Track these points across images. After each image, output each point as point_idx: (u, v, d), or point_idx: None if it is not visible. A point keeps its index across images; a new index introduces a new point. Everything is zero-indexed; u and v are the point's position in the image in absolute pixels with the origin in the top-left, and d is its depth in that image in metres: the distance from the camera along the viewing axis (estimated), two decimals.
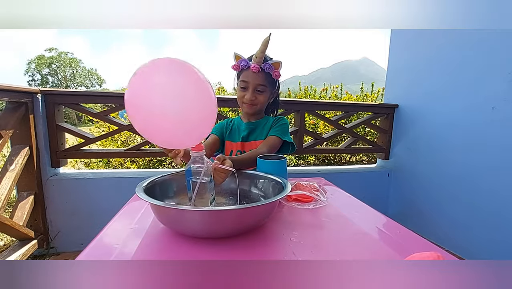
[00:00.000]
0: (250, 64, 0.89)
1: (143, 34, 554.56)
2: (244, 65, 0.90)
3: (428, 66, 1.74)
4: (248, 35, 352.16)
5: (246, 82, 0.91)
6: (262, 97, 0.94)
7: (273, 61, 0.89)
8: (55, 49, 40.46)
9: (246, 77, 0.91)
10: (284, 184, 0.61)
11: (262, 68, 0.89)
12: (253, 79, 0.90)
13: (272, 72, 0.90)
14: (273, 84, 0.95)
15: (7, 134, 1.16)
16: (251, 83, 0.91)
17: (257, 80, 0.90)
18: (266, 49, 0.86)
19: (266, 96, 0.95)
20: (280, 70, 0.91)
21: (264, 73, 0.90)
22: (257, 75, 0.89)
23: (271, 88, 0.95)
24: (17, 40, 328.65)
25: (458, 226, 1.52)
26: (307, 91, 3.48)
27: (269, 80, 0.92)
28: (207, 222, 0.48)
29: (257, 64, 0.88)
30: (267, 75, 0.91)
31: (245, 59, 0.90)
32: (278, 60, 0.90)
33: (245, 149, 0.99)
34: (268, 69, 0.89)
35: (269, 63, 0.89)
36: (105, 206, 1.47)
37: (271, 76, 0.91)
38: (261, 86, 0.91)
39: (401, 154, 1.96)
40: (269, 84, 0.93)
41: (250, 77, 0.90)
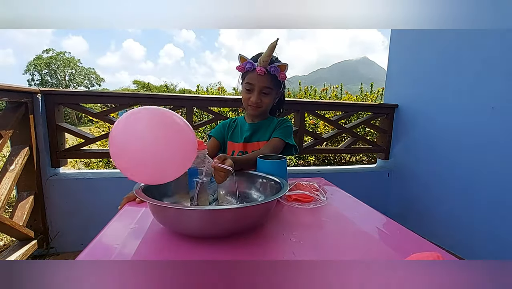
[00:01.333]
0: (256, 67, 0.87)
1: (141, 31, 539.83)
2: (249, 68, 0.89)
3: (428, 66, 1.74)
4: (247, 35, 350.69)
5: (252, 85, 0.90)
6: (267, 100, 0.93)
7: (279, 64, 0.88)
8: (53, 49, 40.60)
9: (251, 80, 0.90)
10: (282, 184, 0.61)
11: (268, 71, 0.88)
12: (258, 81, 0.89)
13: (278, 75, 0.90)
14: (278, 85, 0.94)
15: (7, 134, 1.16)
16: (256, 85, 0.90)
17: (262, 83, 0.89)
18: (273, 53, 0.85)
19: (271, 98, 0.94)
20: (286, 72, 0.90)
21: (269, 75, 0.89)
22: (262, 77, 0.88)
23: (276, 89, 0.94)
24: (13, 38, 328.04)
25: (458, 226, 1.52)
26: (307, 91, 3.48)
27: (275, 82, 0.91)
28: (205, 221, 0.48)
29: (263, 67, 0.87)
30: (272, 77, 0.90)
31: (250, 61, 0.89)
32: (285, 63, 0.88)
33: (247, 150, 0.98)
34: (274, 71, 0.88)
35: (275, 65, 0.87)
36: (105, 206, 1.47)
37: (277, 78, 0.91)
38: (266, 89, 0.91)
39: (401, 154, 1.96)
40: (274, 86, 0.92)
41: (255, 80, 0.89)
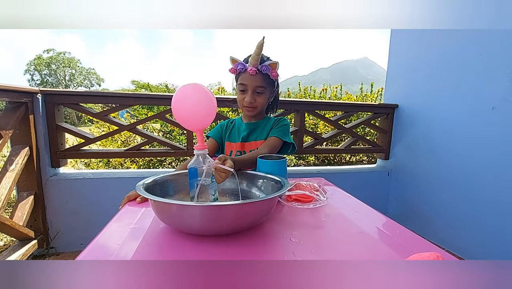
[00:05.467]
0: (247, 67, 0.89)
1: (139, 31, 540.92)
2: (241, 68, 0.90)
3: (428, 66, 1.74)
4: (246, 34, 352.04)
5: (245, 85, 0.91)
6: (261, 99, 0.93)
7: (270, 62, 0.89)
8: (53, 49, 40.57)
9: (244, 80, 0.91)
10: (283, 183, 0.61)
11: (260, 70, 0.89)
12: (251, 81, 0.90)
13: (270, 73, 0.90)
14: (271, 84, 0.95)
15: (7, 135, 1.16)
16: (249, 85, 0.90)
17: (255, 82, 0.90)
18: (261, 51, 0.86)
19: (265, 97, 0.95)
20: (277, 70, 0.91)
21: (261, 74, 0.90)
22: (254, 77, 0.89)
23: (270, 88, 0.95)
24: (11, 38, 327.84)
25: (458, 226, 1.52)
26: (307, 91, 3.48)
27: (268, 81, 0.92)
28: (208, 218, 0.48)
29: (253, 66, 0.88)
30: (265, 76, 0.90)
31: (241, 62, 0.90)
32: (275, 61, 0.89)
33: (245, 149, 0.99)
34: (266, 70, 0.89)
35: (266, 64, 0.88)
36: (105, 206, 1.47)
37: (269, 76, 0.91)
38: (259, 88, 0.91)
39: (401, 154, 1.96)
40: (267, 85, 0.93)
41: (248, 80, 0.90)
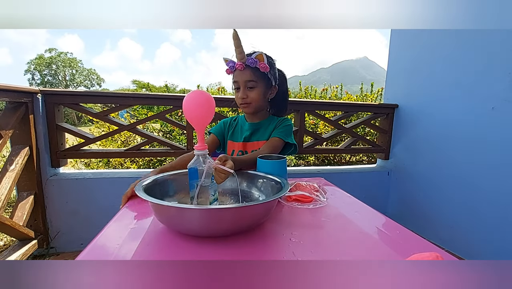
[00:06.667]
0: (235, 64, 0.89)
1: (138, 31, 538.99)
2: (232, 66, 0.90)
3: (428, 66, 1.74)
4: (246, 34, 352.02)
5: (237, 82, 0.92)
6: (253, 94, 0.92)
7: (255, 55, 0.88)
8: (55, 49, 40.56)
9: (235, 77, 0.91)
10: (283, 184, 0.61)
11: (247, 64, 0.88)
12: (241, 77, 0.90)
13: (259, 66, 0.88)
14: (263, 77, 0.92)
15: (7, 135, 1.16)
16: (240, 82, 0.91)
17: (244, 77, 0.90)
18: (240, 43, 0.85)
19: (258, 91, 0.92)
20: (266, 62, 0.88)
21: (250, 68, 0.89)
22: (243, 72, 0.89)
23: (263, 82, 0.92)
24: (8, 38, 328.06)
25: (458, 226, 1.52)
26: (307, 91, 3.48)
27: (258, 74, 0.90)
28: (207, 220, 0.48)
29: (239, 61, 0.88)
30: (254, 70, 0.89)
31: (231, 60, 0.90)
32: (260, 52, 0.88)
33: (247, 149, 0.98)
34: (253, 63, 0.87)
35: (252, 57, 0.87)
36: (105, 206, 1.47)
37: (259, 70, 0.89)
38: (250, 82, 0.90)
39: (401, 154, 1.96)
40: (259, 79, 0.91)
41: (238, 76, 0.91)
